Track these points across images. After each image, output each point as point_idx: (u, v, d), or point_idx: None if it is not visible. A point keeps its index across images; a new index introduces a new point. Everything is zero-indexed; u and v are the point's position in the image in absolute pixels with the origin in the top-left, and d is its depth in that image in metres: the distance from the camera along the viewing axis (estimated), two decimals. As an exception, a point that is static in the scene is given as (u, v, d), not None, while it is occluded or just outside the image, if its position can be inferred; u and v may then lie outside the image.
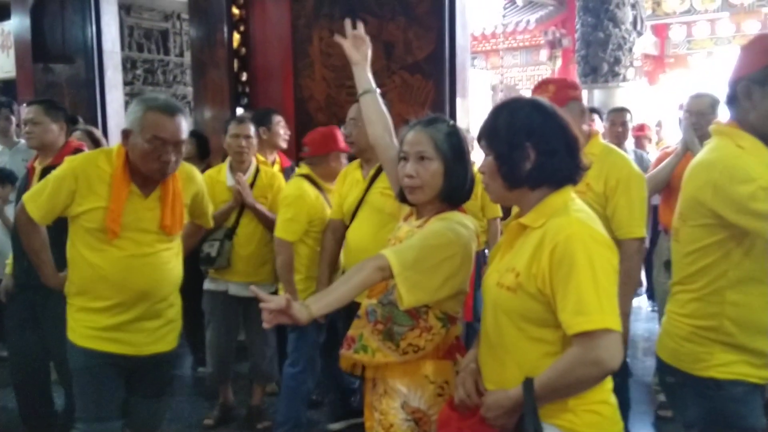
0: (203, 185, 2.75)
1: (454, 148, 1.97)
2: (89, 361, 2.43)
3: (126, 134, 2.40)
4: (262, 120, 4.34)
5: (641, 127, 6.95)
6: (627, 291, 2.62)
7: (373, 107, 2.27)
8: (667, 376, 2.08)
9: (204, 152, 4.85)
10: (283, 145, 4.32)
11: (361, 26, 2.28)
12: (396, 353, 1.94)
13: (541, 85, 2.82)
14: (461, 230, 1.92)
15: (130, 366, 2.49)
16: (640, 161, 4.44)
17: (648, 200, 4.21)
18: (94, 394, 2.44)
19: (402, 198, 2.08)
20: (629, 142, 6.53)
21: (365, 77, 2.27)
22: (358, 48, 2.25)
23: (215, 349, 3.84)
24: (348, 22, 2.27)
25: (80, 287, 2.45)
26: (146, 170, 2.39)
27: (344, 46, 2.26)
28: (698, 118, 3.57)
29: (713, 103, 3.61)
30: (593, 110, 5.22)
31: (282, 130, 4.31)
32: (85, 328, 2.44)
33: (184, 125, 2.42)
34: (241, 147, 3.70)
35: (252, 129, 3.76)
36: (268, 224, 3.64)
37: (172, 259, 2.53)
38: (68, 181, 2.38)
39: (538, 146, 1.63)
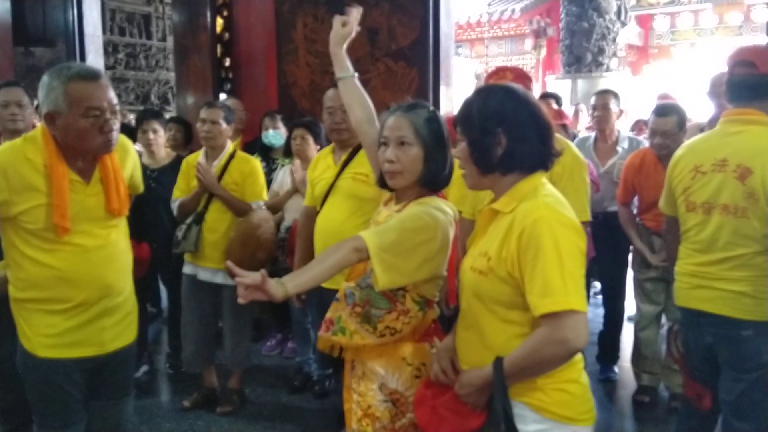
0: (136, 154, 2.53)
1: (434, 133, 1.99)
2: (51, 373, 2.19)
3: (51, 118, 2.08)
4: None
5: (639, 128, 6.77)
6: None
7: (353, 92, 2.27)
8: (743, 330, 2.42)
9: (188, 138, 4.82)
10: None
11: (355, 12, 2.26)
12: (373, 336, 1.97)
13: (498, 72, 2.84)
14: (439, 215, 1.94)
15: (93, 367, 2.26)
16: (634, 146, 4.27)
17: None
18: (57, 406, 2.23)
19: (382, 183, 2.10)
20: (626, 128, 6.44)
21: (344, 61, 2.26)
22: (345, 34, 2.24)
23: (188, 333, 3.86)
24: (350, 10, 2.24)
25: (32, 290, 2.16)
26: (90, 149, 2.13)
27: (335, 27, 2.24)
28: (663, 139, 3.48)
29: (680, 122, 3.49)
30: (550, 95, 5.05)
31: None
32: (43, 336, 2.17)
33: (111, 89, 2.15)
34: (206, 132, 3.69)
35: (221, 114, 3.72)
36: (236, 210, 3.64)
37: (124, 245, 2.33)
38: None
39: (509, 132, 1.65)
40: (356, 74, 2.28)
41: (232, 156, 3.74)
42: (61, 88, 2.05)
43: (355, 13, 2.26)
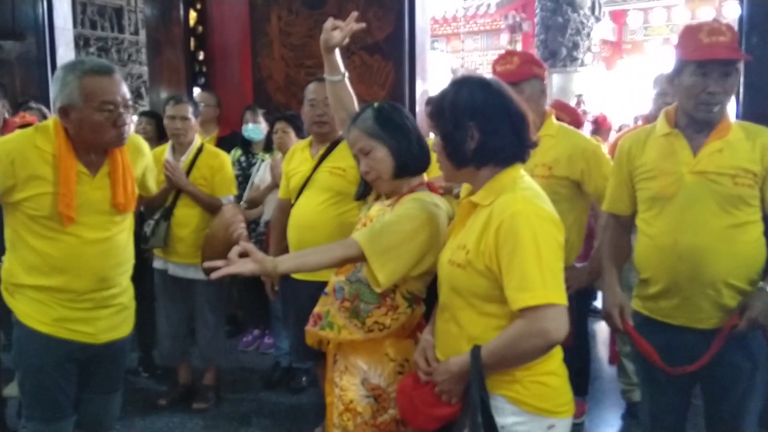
0: (151, 156, 2.60)
1: (386, 125, 2.01)
2: (44, 356, 2.23)
3: (65, 111, 2.13)
4: None
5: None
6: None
7: (342, 94, 2.32)
8: None
9: (161, 133, 4.74)
10: None
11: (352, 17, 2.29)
12: (361, 330, 1.96)
13: (506, 56, 2.75)
14: (434, 210, 1.94)
15: (85, 357, 2.30)
16: None
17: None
18: (48, 395, 2.27)
19: (361, 196, 2.26)
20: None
21: (334, 64, 2.31)
22: (336, 41, 2.28)
23: (161, 329, 3.83)
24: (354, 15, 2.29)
25: (27, 275, 2.21)
26: (103, 142, 2.17)
27: (325, 32, 2.28)
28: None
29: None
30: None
31: None
32: (42, 315, 2.22)
33: (124, 84, 2.20)
34: (177, 129, 3.64)
35: (190, 109, 3.66)
36: (205, 206, 3.58)
37: (126, 241, 2.36)
38: (2, 163, 2.11)
39: (481, 125, 1.64)
40: (346, 73, 2.30)
41: (200, 150, 3.68)
42: (76, 82, 2.09)
43: (351, 21, 2.27)
